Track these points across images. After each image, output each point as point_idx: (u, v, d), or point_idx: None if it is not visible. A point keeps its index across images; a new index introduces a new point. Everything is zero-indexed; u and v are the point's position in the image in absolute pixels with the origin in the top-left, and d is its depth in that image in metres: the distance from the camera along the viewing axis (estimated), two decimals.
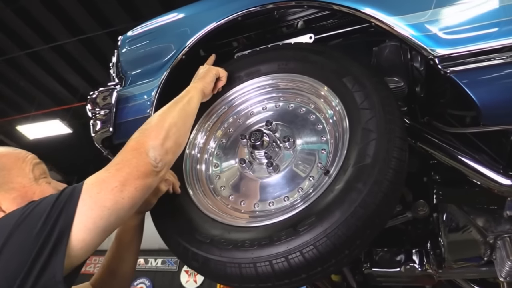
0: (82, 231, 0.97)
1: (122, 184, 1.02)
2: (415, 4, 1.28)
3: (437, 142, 1.51)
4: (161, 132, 1.17)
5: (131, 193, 1.03)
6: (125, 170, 1.05)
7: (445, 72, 1.21)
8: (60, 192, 1.02)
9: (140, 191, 1.06)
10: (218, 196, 1.40)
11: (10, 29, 7.35)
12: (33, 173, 1.20)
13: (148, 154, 1.10)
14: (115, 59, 1.91)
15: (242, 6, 1.58)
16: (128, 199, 1.03)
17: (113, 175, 1.04)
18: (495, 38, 1.16)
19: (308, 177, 1.29)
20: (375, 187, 1.10)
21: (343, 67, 1.34)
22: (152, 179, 1.10)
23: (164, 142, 1.15)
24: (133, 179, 1.04)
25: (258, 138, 1.33)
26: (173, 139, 1.19)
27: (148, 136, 1.15)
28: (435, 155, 1.52)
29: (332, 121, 1.33)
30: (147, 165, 1.08)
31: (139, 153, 1.10)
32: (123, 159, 1.09)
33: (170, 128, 1.19)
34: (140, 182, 1.05)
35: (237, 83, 1.54)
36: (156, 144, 1.13)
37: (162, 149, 1.13)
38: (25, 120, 9.35)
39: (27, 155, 1.24)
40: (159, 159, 1.11)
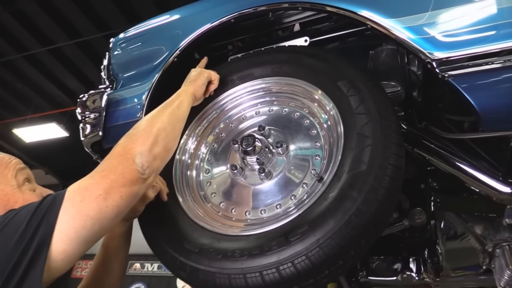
0: (63, 241, 0.92)
1: (106, 192, 0.98)
2: (412, 6, 1.25)
3: (434, 148, 1.48)
4: (149, 138, 1.12)
5: (116, 201, 0.99)
6: (110, 177, 1.01)
7: (443, 76, 1.17)
8: (42, 200, 0.97)
9: (125, 199, 1.01)
10: (209, 203, 1.36)
11: (7, 32, 7.31)
12: (16, 180, 1.16)
13: (134, 160, 1.05)
14: (106, 61, 1.87)
15: (235, 8, 1.55)
16: (112, 207, 0.98)
17: (97, 182, 0.99)
18: (494, 41, 1.12)
19: (302, 184, 1.24)
20: (370, 195, 1.05)
21: (338, 71, 1.30)
22: (139, 187, 1.06)
23: (152, 147, 1.10)
24: (118, 187, 1.00)
25: (250, 143, 1.29)
26: (162, 144, 1.14)
27: (135, 142, 1.10)
28: (432, 161, 1.49)
29: (327, 126, 1.29)
30: (134, 172, 1.04)
31: (125, 159, 1.05)
32: (108, 166, 1.04)
33: (159, 133, 1.14)
34: (126, 190, 1.01)
35: (229, 87, 1.50)
36: (143, 150, 1.08)
37: (149, 155, 1.09)
38: (21, 123, 9.29)
39: (10, 160, 1.19)
40: (147, 166, 1.07)
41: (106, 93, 1.69)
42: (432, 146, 1.48)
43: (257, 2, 1.51)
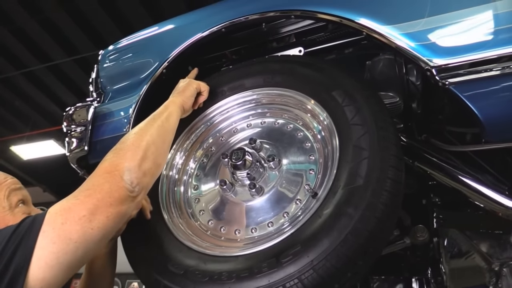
0: (42, 269, 0.83)
1: (91, 212, 0.89)
2: (409, 12, 1.19)
3: (436, 162, 1.41)
4: (138, 152, 1.04)
5: (102, 222, 0.90)
6: (96, 196, 0.92)
7: (444, 84, 1.10)
8: (19, 223, 0.89)
9: (112, 220, 0.93)
10: (197, 222, 1.28)
11: (6, 49, 7.31)
12: (9, 201, 1.08)
13: (123, 177, 0.97)
14: (94, 74, 1.81)
15: (226, 17, 1.50)
16: (98, 229, 0.90)
17: (82, 202, 0.91)
18: (496, 47, 1.06)
19: (295, 200, 1.16)
20: (368, 211, 0.97)
21: (333, 80, 1.23)
22: (128, 206, 0.97)
23: (142, 163, 1.02)
24: (105, 207, 0.92)
25: (240, 157, 1.21)
26: (152, 159, 1.06)
27: (123, 157, 1.02)
28: (434, 175, 1.41)
29: (321, 138, 1.22)
30: (122, 190, 0.96)
31: (112, 176, 0.97)
32: (94, 184, 0.96)
33: (148, 147, 1.06)
34: (113, 210, 0.93)
35: (219, 99, 1.43)
36: (132, 166, 1.00)
37: (139, 171, 1.01)
38: (19, 141, 9.24)
39: (6, 179, 1.12)
40: (136, 183, 0.99)
41: (92, 106, 1.62)
42: (433, 159, 1.41)
43: (249, 11, 1.45)
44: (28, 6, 6.32)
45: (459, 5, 1.13)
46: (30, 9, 6.38)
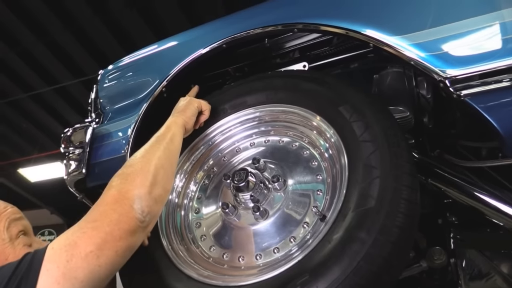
0: None
1: (99, 248, 0.82)
2: (418, 21, 1.13)
3: (450, 178, 1.33)
4: (147, 178, 0.96)
5: (111, 258, 0.83)
6: (104, 229, 0.84)
7: (458, 95, 1.03)
8: (20, 259, 0.81)
9: (122, 255, 0.86)
10: (198, 248, 1.20)
11: (13, 72, 7.39)
12: (9, 232, 1.00)
13: (133, 206, 0.89)
14: (93, 94, 1.77)
15: (227, 33, 1.45)
16: (106, 266, 0.82)
17: (89, 236, 0.83)
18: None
19: (302, 223, 1.08)
20: (382, 236, 0.89)
21: (339, 95, 1.16)
22: (138, 237, 0.90)
23: (152, 189, 0.95)
24: (114, 241, 0.84)
25: (243, 178, 1.14)
26: (161, 185, 0.99)
27: (132, 183, 0.94)
28: (449, 193, 1.33)
29: (329, 156, 1.15)
30: (132, 221, 0.88)
31: (121, 205, 0.89)
32: (101, 214, 0.88)
33: (157, 172, 0.99)
34: (123, 244, 0.85)
35: (221, 117, 1.37)
36: (143, 193, 0.93)
37: (150, 198, 0.93)
38: (26, 163, 9.26)
39: (6, 209, 1.04)
40: (147, 212, 0.91)
41: (91, 127, 1.57)
42: (447, 176, 1.33)
43: (250, 26, 1.40)
44: (35, 29, 6.39)
45: (472, 12, 1.07)
46: (36, 32, 6.45)
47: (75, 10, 6.03)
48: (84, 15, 6.05)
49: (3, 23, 6.32)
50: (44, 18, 6.16)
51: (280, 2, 1.52)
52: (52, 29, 6.41)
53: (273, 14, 1.45)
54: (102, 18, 6.08)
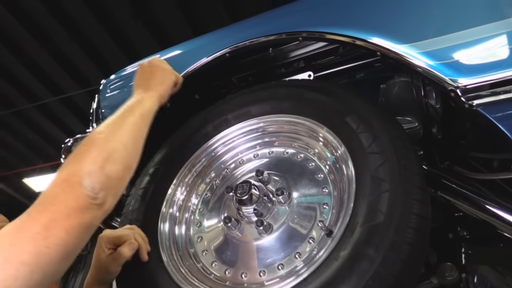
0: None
1: (46, 228, 0.75)
2: (427, 29, 1.09)
3: (460, 191, 1.28)
4: (101, 153, 0.89)
5: (61, 238, 0.76)
6: (51, 208, 0.78)
7: (470, 105, 0.99)
8: None
9: (73, 235, 0.78)
10: (199, 263, 1.15)
11: (20, 82, 7.44)
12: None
13: (82, 183, 0.82)
14: (95, 104, 1.75)
15: (231, 41, 1.43)
16: (56, 247, 0.75)
17: (35, 218, 0.76)
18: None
19: (307, 239, 1.04)
20: (392, 253, 0.85)
21: (345, 105, 1.13)
22: (92, 215, 0.82)
23: (105, 164, 0.87)
24: (61, 219, 0.77)
25: (246, 191, 1.09)
26: (119, 160, 0.91)
27: (82, 160, 0.86)
28: (459, 206, 1.28)
29: (335, 169, 1.11)
30: (81, 198, 0.81)
31: (69, 184, 0.82)
32: (48, 195, 0.81)
33: (115, 148, 0.92)
34: (73, 222, 0.78)
35: (223, 128, 1.34)
36: (93, 169, 0.85)
37: (101, 174, 0.86)
38: (32, 173, 9.29)
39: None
40: (99, 188, 0.84)
41: None
42: (457, 188, 1.28)
43: (254, 35, 1.38)
44: (41, 39, 6.44)
45: (482, 20, 1.03)
46: (42, 42, 6.50)
47: (82, 21, 6.07)
48: (90, 26, 6.09)
49: (11, 34, 6.37)
50: (50, 29, 6.21)
51: (284, 10, 1.50)
52: (58, 40, 6.46)
53: (277, 22, 1.43)
54: (108, 29, 6.12)
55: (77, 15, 6.00)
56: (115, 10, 5.88)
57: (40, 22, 6.16)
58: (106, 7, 5.86)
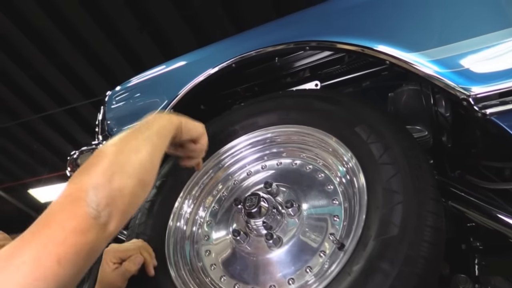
0: None
1: (34, 257, 0.64)
2: (436, 37, 1.07)
3: (472, 200, 1.25)
4: (111, 165, 0.77)
5: (51, 270, 0.64)
6: (44, 232, 0.67)
7: (484, 114, 0.97)
8: None
9: (67, 264, 0.66)
10: (207, 278, 1.12)
11: (26, 94, 7.48)
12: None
13: (85, 198, 0.71)
14: (101, 115, 1.74)
15: (236, 52, 1.42)
16: (45, 278, 0.64)
17: (25, 243, 0.66)
18: None
19: (318, 252, 1.01)
20: (406, 267, 0.82)
21: (355, 114, 1.11)
22: (93, 238, 0.70)
23: (115, 177, 0.76)
24: (54, 246, 0.65)
25: (254, 203, 1.07)
26: (132, 174, 0.80)
27: (90, 172, 0.75)
28: (471, 215, 1.26)
29: (345, 180, 1.08)
30: (81, 217, 0.69)
31: (72, 200, 0.71)
32: (47, 214, 0.70)
33: (127, 160, 0.81)
34: (67, 249, 0.66)
35: (231, 139, 1.32)
36: (100, 182, 0.74)
37: (109, 187, 0.74)
38: (37, 183, 9.30)
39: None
40: (105, 204, 0.72)
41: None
42: (469, 198, 1.25)
43: (260, 44, 1.37)
44: (46, 51, 6.48)
45: (494, 27, 1.01)
46: (47, 54, 6.54)
47: (86, 33, 6.11)
48: (95, 38, 6.13)
49: (18, 47, 6.42)
50: (55, 39, 6.25)
51: (290, 19, 1.49)
52: (62, 51, 6.49)
53: (283, 32, 1.42)
54: (113, 40, 6.15)
55: (81, 26, 6.04)
56: (118, 20, 5.91)
57: (45, 34, 6.21)
58: (110, 18, 5.89)
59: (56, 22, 5.99)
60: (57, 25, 6.04)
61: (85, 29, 6.05)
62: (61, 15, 5.90)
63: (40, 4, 5.70)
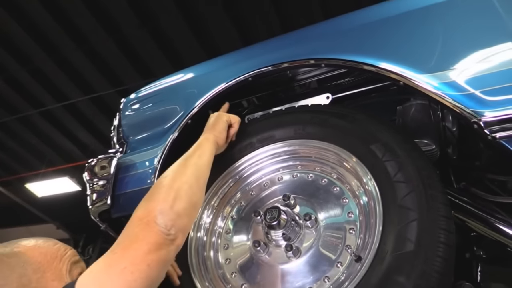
0: None
1: (131, 263, 0.86)
2: (449, 59, 1.13)
3: (475, 212, 1.31)
4: (169, 194, 1.01)
5: (144, 272, 0.86)
6: (133, 246, 0.90)
7: (493, 137, 1.03)
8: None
9: (154, 268, 0.88)
10: (228, 284, 1.19)
11: (25, 89, 7.46)
12: (70, 276, 1.00)
13: (156, 221, 0.94)
14: (116, 122, 1.78)
15: (254, 65, 1.46)
16: (141, 280, 0.85)
17: (120, 255, 0.88)
18: None
19: (336, 263, 1.07)
20: (422, 281, 0.89)
21: (370, 132, 1.17)
22: (167, 250, 0.93)
23: (174, 204, 0.99)
24: (143, 255, 0.88)
25: (275, 217, 1.13)
26: (185, 199, 1.03)
27: (154, 201, 1.00)
28: (473, 226, 1.32)
29: (360, 195, 1.14)
30: (158, 235, 0.92)
31: (145, 223, 0.94)
32: (129, 234, 0.94)
33: (180, 187, 1.04)
34: (153, 257, 0.89)
35: (249, 151, 1.37)
36: (164, 208, 0.97)
37: (172, 212, 0.98)
38: (34, 178, 9.29)
39: (66, 252, 1.04)
40: (171, 225, 0.95)
41: (115, 159, 1.57)
42: (472, 209, 1.32)
43: (278, 59, 1.41)
44: (45, 46, 6.47)
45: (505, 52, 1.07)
46: (47, 49, 6.53)
47: (89, 32, 6.10)
48: (96, 35, 6.13)
49: (16, 42, 6.41)
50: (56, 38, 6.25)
51: (304, 35, 1.53)
52: (63, 47, 6.48)
53: (298, 47, 1.45)
54: (114, 38, 6.15)
55: (83, 25, 6.04)
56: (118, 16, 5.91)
57: (47, 33, 6.20)
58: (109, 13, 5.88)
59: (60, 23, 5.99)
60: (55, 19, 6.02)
61: (87, 27, 6.04)
62: (64, 15, 5.90)
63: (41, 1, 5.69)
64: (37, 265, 0.96)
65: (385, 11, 1.31)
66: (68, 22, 6.07)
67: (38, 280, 0.94)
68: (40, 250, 1.00)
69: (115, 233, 1.66)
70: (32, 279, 0.94)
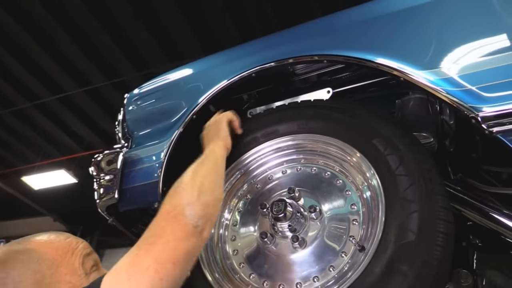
0: None
1: (157, 261, 0.84)
2: (448, 55, 1.17)
3: (471, 202, 1.36)
4: (194, 187, 1.04)
5: (170, 270, 0.85)
6: (160, 241, 0.89)
7: (490, 132, 1.07)
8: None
9: (179, 265, 0.87)
10: (236, 274, 1.24)
11: (20, 82, 7.42)
12: (84, 268, 1.02)
13: (184, 213, 0.95)
14: (121, 116, 1.80)
15: (257, 61, 1.48)
16: (167, 278, 0.84)
17: (146, 252, 0.87)
18: None
19: (340, 253, 1.13)
20: (424, 269, 0.94)
21: (372, 127, 1.21)
22: (195, 241, 0.93)
23: (200, 195, 1.02)
24: (170, 252, 0.87)
25: (281, 209, 1.18)
26: (208, 192, 1.06)
27: (180, 194, 1.02)
28: (469, 215, 1.37)
29: (363, 187, 1.19)
30: (186, 226, 0.93)
31: (173, 216, 0.95)
32: (156, 228, 0.94)
33: (203, 182, 1.07)
34: (179, 253, 0.88)
35: (253, 145, 1.41)
36: (191, 200, 0.99)
37: (199, 203, 1.00)
38: (30, 171, 9.27)
39: (77, 245, 1.05)
40: (199, 215, 0.97)
41: (121, 154, 1.61)
42: (468, 199, 1.37)
43: (282, 55, 1.44)
44: (41, 40, 6.44)
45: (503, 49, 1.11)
46: (42, 43, 6.50)
47: (83, 23, 6.07)
48: (91, 27, 6.10)
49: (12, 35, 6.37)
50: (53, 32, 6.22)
51: (306, 30, 1.56)
52: (58, 40, 6.45)
53: (301, 43, 1.48)
54: (110, 30, 6.13)
55: (78, 18, 6.00)
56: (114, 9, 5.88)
57: (43, 27, 6.17)
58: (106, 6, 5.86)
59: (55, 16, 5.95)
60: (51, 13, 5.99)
61: (81, 19, 6.01)
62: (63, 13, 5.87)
63: None
64: (50, 260, 0.97)
65: (389, 6, 1.34)
66: (62, 15, 6.03)
67: (52, 275, 0.96)
68: (52, 245, 1.01)
69: (122, 226, 1.70)
70: (46, 274, 0.95)
